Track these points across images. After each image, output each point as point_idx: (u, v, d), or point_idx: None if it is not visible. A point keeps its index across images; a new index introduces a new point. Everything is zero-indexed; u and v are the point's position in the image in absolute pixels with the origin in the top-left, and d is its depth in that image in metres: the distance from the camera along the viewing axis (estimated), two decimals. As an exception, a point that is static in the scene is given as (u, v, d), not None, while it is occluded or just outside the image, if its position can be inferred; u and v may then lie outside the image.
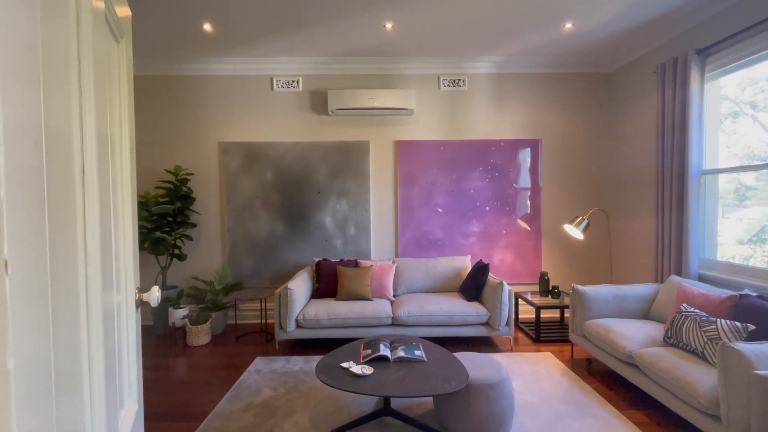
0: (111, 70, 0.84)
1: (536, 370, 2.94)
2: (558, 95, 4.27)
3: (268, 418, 2.32)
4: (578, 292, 2.99)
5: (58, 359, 0.52)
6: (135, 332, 0.93)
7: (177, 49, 3.81)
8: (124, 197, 0.91)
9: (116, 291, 0.83)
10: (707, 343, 2.11)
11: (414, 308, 3.30)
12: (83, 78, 0.62)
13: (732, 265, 2.91)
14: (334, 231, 4.22)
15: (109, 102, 0.81)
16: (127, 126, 0.93)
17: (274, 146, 4.16)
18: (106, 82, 0.78)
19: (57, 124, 0.53)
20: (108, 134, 0.78)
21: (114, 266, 0.82)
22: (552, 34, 3.56)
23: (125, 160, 0.92)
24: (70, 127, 0.57)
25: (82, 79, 0.61)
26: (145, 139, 4.18)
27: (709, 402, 1.86)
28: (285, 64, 4.09)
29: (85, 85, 0.62)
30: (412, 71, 4.18)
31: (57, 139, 0.53)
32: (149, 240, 3.76)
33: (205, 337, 3.61)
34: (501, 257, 4.28)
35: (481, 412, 2.06)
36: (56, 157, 0.53)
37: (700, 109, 3.03)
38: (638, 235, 3.90)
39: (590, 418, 2.29)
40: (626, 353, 2.43)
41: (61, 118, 0.54)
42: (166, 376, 2.94)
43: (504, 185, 4.26)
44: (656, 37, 3.53)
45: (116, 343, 0.80)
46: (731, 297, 2.27)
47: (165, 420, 2.35)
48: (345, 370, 2.15)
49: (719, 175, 3.09)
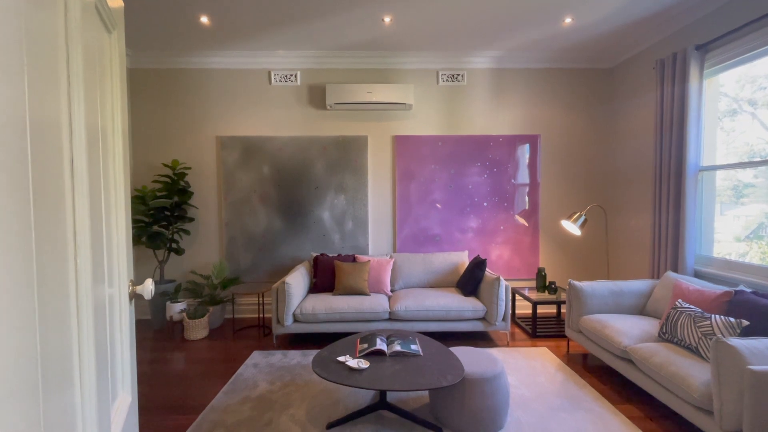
0: (102, 62, 0.83)
1: (532, 365, 2.96)
2: (557, 91, 4.25)
3: (264, 412, 2.34)
4: (575, 287, 3.00)
5: (46, 353, 0.51)
6: (128, 324, 0.94)
7: (174, 42, 3.78)
8: (117, 190, 0.90)
9: (109, 283, 0.83)
10: (701, 338, 2.12)
11: (411, 303, 3.31)
12: (72, 69, 0.61)
13: (728, 261, 2.92)
14: (332, 226, 4.22)
15: (100, 94, 0.80)
16: (119, 118, 0.92)
17: (272, 140, 4.15)
18: (96, 73, 0.77)
19: (44, 116, 0.53)
20: (99, 126, 0.77)
21: (105, 259, 0.81)
22: (551, 29, 3.55)
23: (118, 152, 0.91)
24: (59, 119, 0.57)
25: (71, 71, 0.61)
26: (142, 133, 4.16)
27: (702, 397, 1.87)
28: (283, 57, 4.07)
29: (74, 77, 0.62)
30: (411, 66, 4.15)
31: (44, 131, 0.53)
32: (147, 234, 3.76)
33: (203, 331, 3.62)
34: (499, 253, 4.29)
35: (476, 405, 2.08)
36: (43, 149, 0.52)
37: (698, 105, 3.02)
38: (635, 231, 3.91)
39: (584, 412, 2.31)
40: (621, 348, 2.45)
41: (48, 110, 0.54)
42: (164, 370, 2.95)
43: (502, 181, 4.25)
44: (656, 32, 3.52)
45: (108, 335, 0.80)
46: (726, 293, 2.28)
47: (162, 413, 2.36)
48: (341, 363, 2.16)
49: (716, 172, 3.09)
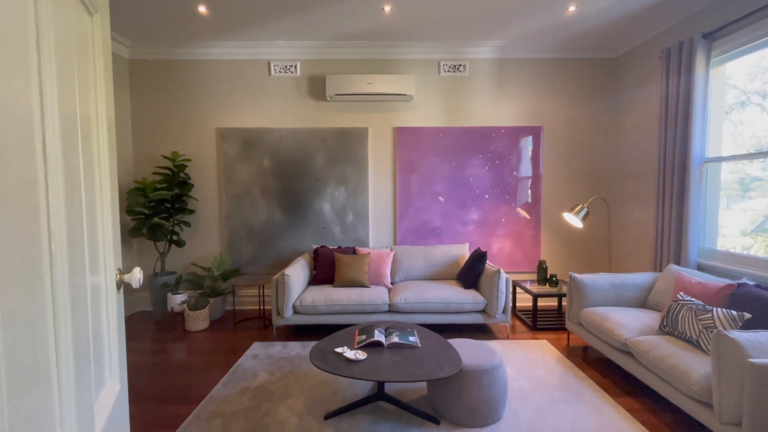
0: (83, 46, 0.81)
1: (532, 357, 2.95)
2: (560, 81, 4.18)
3: (263, 402, 2.35)
4: (576, 280, 2.98)
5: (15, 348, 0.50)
6: (116, 313, 0.93)
7: (172, 32, 3.75)
8: (102, 178, 0.89)
9: (94, 272, 0.82)
10: (702, 331, 2.10)
11: (411, 295, 3.31)
12: (44, 52, 0.59)
13: (731, 254, 2.88)
14: (333, 218, 4.21)
15: (80, 80, 0.78)
16: (104, 105, 0.90)
17: (272, 132, 4.12)
18: (74, 57, 0.75)
19: (11, 101, 0.51)
20: (78, 112, 0.76)
21: (87, 247, 0.80)
22: (555, 18, 3.47)
23: (103, 139, 0.89)
24: (29, 104, 0.55)
25: (42, 54, 0.59)
26: (142, 124, 4.15)
27: (702, 390, 1.85)
28: (282, 48, 4.02)
29: (46, 61, 0.60)
30: (412, 56, 4.10)
31: (10, 118, 0.51)
32: (147, 226, 3.76)
33: (204, 323, 3.64)
34: (500, 245, 4.27)
35: (473, 397, 2.07)
36: (10, 136, 0.51)
37: (704, 94, 2.96)
38: (638, 223, 3.86)
39: (583, 405, 2.31)
40: (621, 341, 2.43)
41: (16, 95, 0.52)
42: (164, 360, 2.98)
43: (504, 173, 4.21)
44: (662, 21, 3.44)
45: (90, 324, 0.79)
46: (728, 286, 2.25)
47: (161, 403, 2.38)
48: (339, 355, 2.16)
49: (721, 164, 3.03)
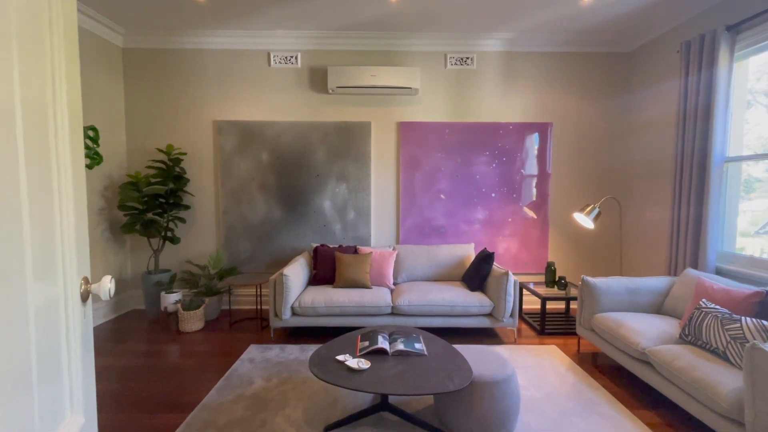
0: (37, 23, 0.67)
1: (541, 364, 2.81)
2: (571, 76, 4.03)
3: (258, 412, 2.21)
4: (588, 284, 2.84)
5: None
6: (81, 331, 0.78)
7: (168, 20, 3.58)
8: (61, 171, 0.74)
9: (49, 282, 0.68)
10: (730, 342, 1.96)
11: (414, 297, 3.16)
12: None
13: (753, 258, 2.74)
14: (333, 216, 4.06)
15: (30, 62, 0.64)
16: (64, 92, 0.76)
17: (271, 126, 3.96)
18: (15, 35, 0.60)
19: None
20: (19, 98, 0.61)
21: (38, 252, 0.65)
22: (567, 9, 3.32)
23: (62, 130, 0.75)
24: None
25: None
26: (135, 116, 3.98)
27: (731, 406, 1.72)
28: (283, 38, 3.86)
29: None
30: (418, 48, 3.94)
31: None
32: (140, 222, 3.61)
33: (198, 323, 3.49)
34: (506, 246, 4.13)
35: (484, 410, 1.94)
36: None
37: (727, 90, 2.81)
38: (651, 225, 3.72)
39: (598, 417, 2.17)
40: (639, 350, 2.29)
41: None
42: (155, 364, 2.83)
43: (511, 171, 4.06)
44: (679, 13, 3.28)
45: (34, 346, 0.64)
46: (757, 293, 2.11)
47: (150, 411, 2.24)
48: (340, 363, 2.02)
49: (742, 164, 2.89)
